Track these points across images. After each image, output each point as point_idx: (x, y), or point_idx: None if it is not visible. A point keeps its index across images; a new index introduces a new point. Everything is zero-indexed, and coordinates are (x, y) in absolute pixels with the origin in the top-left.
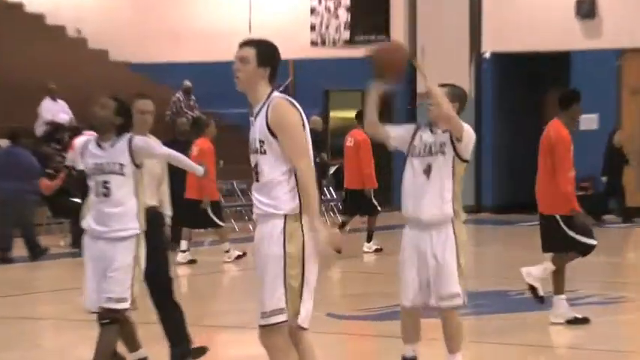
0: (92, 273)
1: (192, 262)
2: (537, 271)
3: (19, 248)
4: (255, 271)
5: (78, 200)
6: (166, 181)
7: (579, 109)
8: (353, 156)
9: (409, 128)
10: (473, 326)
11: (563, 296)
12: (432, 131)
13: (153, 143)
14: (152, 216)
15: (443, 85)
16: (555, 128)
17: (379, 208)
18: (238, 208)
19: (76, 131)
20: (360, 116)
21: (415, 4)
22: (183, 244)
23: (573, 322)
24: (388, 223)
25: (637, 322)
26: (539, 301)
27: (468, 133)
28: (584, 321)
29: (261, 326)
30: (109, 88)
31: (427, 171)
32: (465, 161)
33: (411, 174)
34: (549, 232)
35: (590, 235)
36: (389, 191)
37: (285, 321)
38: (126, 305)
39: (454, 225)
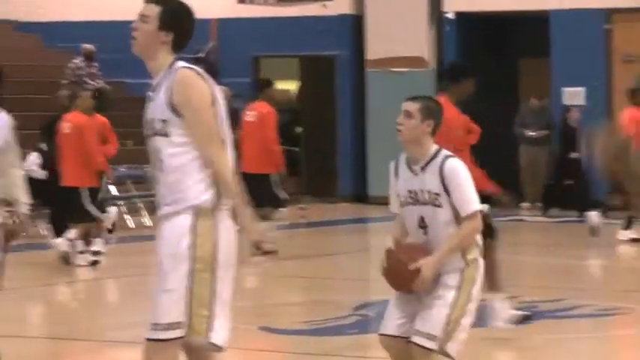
0: None
1: (95, 263)
2: None
3: None
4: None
5: None
6: (18, 162)
7: (470, 85)
8: (255, 133)
9: (392, 174)
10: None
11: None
12: (410, 169)
13: (6, 130)
14: None
15: (414, 99)
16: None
17: (286, 197)
18: (151, 199)
19: None
20: (266, 85)
21: None
22: (78, 244)
23: (521, 321)
24: (331, 218)
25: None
26: None
27: (471, 204)
28: (526, 318)
29: (150, 340)
30: None
31: (422, 225)
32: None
33: (409, 230)
34: None
35: None
36: (334, 178)
37: (181, 337)
38: None
39: (464, 274)
